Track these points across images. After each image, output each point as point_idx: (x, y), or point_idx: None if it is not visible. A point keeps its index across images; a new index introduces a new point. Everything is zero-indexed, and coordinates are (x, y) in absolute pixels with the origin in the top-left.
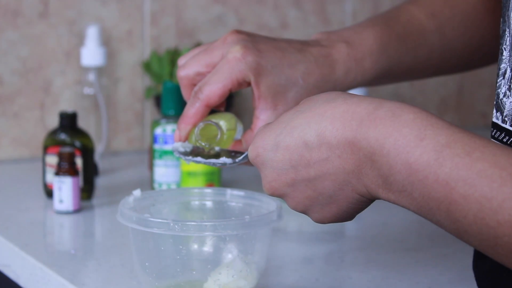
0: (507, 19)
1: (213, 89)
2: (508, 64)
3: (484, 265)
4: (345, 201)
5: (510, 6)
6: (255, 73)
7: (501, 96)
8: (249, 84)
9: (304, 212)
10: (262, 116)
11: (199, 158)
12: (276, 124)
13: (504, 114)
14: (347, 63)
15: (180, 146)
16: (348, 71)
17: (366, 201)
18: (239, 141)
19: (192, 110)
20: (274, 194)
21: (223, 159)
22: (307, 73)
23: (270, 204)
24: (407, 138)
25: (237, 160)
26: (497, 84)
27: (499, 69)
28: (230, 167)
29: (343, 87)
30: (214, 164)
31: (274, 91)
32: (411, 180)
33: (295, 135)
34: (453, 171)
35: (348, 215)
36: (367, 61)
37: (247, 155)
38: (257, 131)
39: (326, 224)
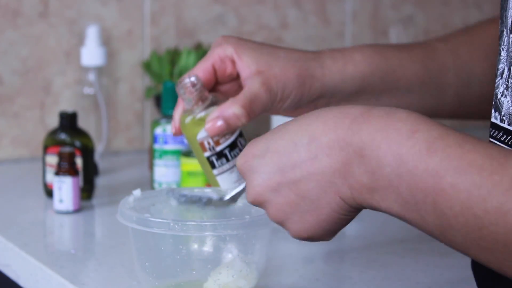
0: (505, 20)
1: (197, 66)
2: (505, 63)
3: (483, 266)
4: (327, 207)
5: (508, 6)
6: (236, 46)
7: (499, 95)
8: (232, 62)
9: (282, 222)
10: (247, 82)
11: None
12: (268, 133)
13: (502, 113)
14: (333, 52)
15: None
16: (334, 58)
17: (347, 209)
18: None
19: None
20: (256, 201)
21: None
22: (289, 50)
23: None
24: (399, 131)
25: (225, 198)
26: (496, 84)
27: (497, 69)
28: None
29: (332, 74)
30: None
31: (256, 60)
32: (399, 172)
33: (285, 138)
34: (443, 160)
35: (327, 228)
36: (357, 54)
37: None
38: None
39: (305, 239)
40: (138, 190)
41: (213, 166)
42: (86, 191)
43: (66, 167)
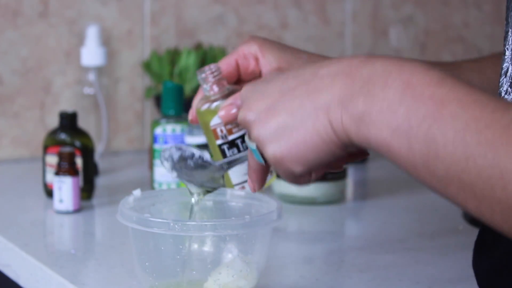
0: (509, 20)
1: (221, 60)
2: (510, 62)
3: (483, 263)
4: (312, 127)
5: None
6: (261, 44)
7: (502, 93)
8: (255, 59)
9: (263, 140)
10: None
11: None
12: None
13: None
14: None
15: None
16: None
17: (331, 135)
18: None
19: None
20: (245, 119)
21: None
22: (312, 54)
23: (270, 204)
24: (415, 66)
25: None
26: (500, 83)
27: (502, 68)
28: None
29: None
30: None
31: (278, 58)
32: (403, 96)
33: (299, 69)
34: (450, 92)
35: (302, 151)
36: None
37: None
38: None
39: (279, 159)
40: (138, 190)
41: (224, 155)
42: (86, 191)
43: (66, 167)
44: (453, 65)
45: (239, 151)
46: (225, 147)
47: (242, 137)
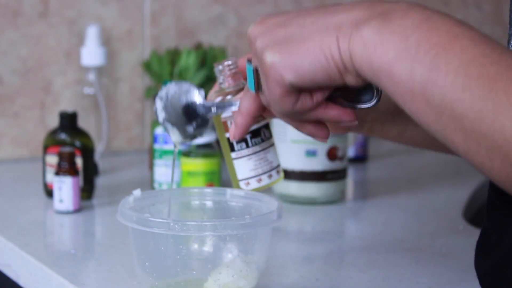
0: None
1: (242, 57)
2: None
3: (486, 264)
4: (318, 40)
5: None
6: None
7: None
8: None
9: (266, 47)
10: None
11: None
12: None
13: None
14: None
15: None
16: None
17: (334, 54)
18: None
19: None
20: (254, 31)
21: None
22: None
23: (270, 203)
24: (438, 11)
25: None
26: None
27: None
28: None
29: None
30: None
31: None
32: (419, 25)
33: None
34: (467, 31)
35: (299, 61)
36: None
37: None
38: None
39: (273, 61)
40: (138, 190)
41: (232, 148)
42: (86, 191)
43: (66, 167)
44: None
45: (247, 146)
46: (233, 140)
47: (252, 133)
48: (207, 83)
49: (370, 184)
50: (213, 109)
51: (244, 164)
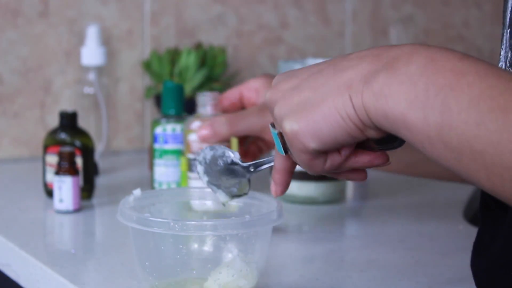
0: (505, 22)
1: (229, 90)
2: (503, 60)
3: (481, 263)
4: (332, 102)
5: (507, 7)
6: (267, 80)
7: None
8: (257, 92)
9: (284, 115)
10: None
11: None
12: None
13: None
14: None
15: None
16: None
17: (350, 112)
18: None
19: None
20: (271, 98)
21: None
22: None
23: (270, 203)
24: (440, 49)
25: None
26: None
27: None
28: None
29: None
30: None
31: None
32: (424, 69)
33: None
34: (471, 66)
35: (319, 126)
36: None
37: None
38: None
39: (295, 132)
40: (138, 190)
41: (190, 168)
42: (86, 191)
43: (66, 167)
44: None
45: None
46: (193, 161)
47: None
48: (207, 83)
49: (370, 184)
50: (251, 168)
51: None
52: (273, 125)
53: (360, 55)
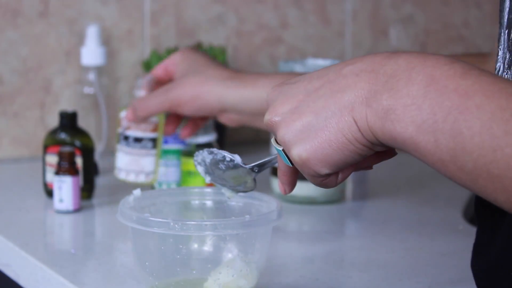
0: (502, 22)
1: (156, 66)
2: (501, 61)
3: (481, 263)
4: (336, 127)
5: (504, 7)
6: (183, 54)
7: None
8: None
9: (289, 141)
10: None
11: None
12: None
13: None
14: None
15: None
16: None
17: (356, 135)
18: None
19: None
20: (271, 121)
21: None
22: (216, 69)
23: (270, 203)
24: (438, 59)
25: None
26: None
27: (495, 69)
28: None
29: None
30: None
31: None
32: (427, 90)
33: (322, 68)
34: (475, 84)
35: (327, 152)
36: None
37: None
38: None
39: (304, 160)
40: (138, 190)
41: (118, 140)
42: (86, 191)
43: (66, 167)
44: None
45: (127, 145)
46: (121, 136)
47: (135, 139)
48: None
49: (370, 184)
50: (255, 169)
51: (121, 157)
52: (276, 142)
53: (355, 71)
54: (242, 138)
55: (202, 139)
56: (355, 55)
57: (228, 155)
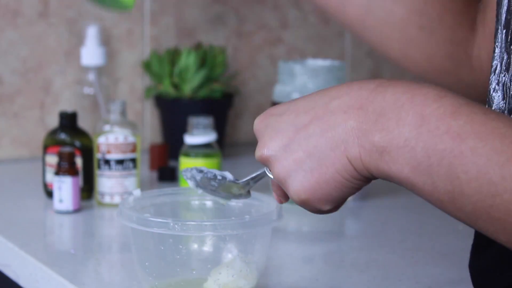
0: (499, 17)
1: None
2: (498, 60)
3: (479, 264)
4: (332, 167)
5: (502, 3)
6: None
7: (491, 91)
8: None
9: (285, 180)
10: None
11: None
12: (293, 99)
13: (493, 108)
14: None
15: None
16: None
17: (352, 173)
18: None
19: None
20: (263, 156)
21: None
22: None
23: (270, 203)
24: (426, 95)
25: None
26: (490, 81)
27: (492, 66)
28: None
29: None
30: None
31: None
32: (419, 132)
33: (307, 99)
34: (467, 124)
35: (327, 191)
36: None
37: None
38: None
39: (303, 200)
40: (138, 190)
41: (98, 167)
42: (86, 191)
43: (66, 167)
44: None
45: (109, 169)
46: (101, 162)
47: (116, 160)
48: (206, 83)
49: (370, 184)
50: (250, 183)
51: (104, 182)
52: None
53: (342, 107)
54: (242, 138)
55: (202, 139)
56: (355, 55)
57: (218, 173)
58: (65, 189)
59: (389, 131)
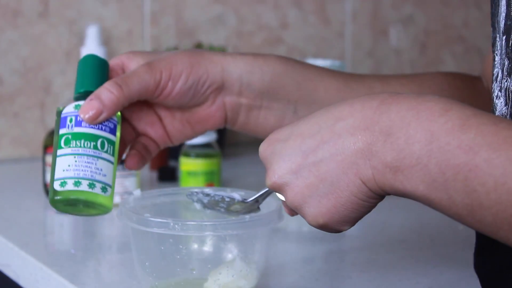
0: (496, 26)
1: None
2: (499, 68)
3: (486, 265)
4: (346, 190)
5: (499, 12)
6: (131, 55)
7: (494, 99)
8: (122, 69)
9: (300, 206)
10: None
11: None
12: (295, 121)
13: (496, 115)
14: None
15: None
16: (240, 54)
17: (368, 193)
18: None
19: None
20: (275, 184)
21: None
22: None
23: (270, 204)
24: (431, 110)
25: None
26: (492, 90)
27: (493, 74)
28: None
29: (237, 61)
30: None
31: (147, 58)
32: (430, 149)
33: (311, 122)
34: (478, 136)
35: (344, 214)
36: (270, 56)
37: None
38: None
39: (322, 225)
40: (138, 190)
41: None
42: None
43: None
44: (352, 74)
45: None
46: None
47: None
48: None
49: None
50: (260, 200)
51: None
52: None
53: (349, 129)
54: (242, 138)
55: (202, 139)
56: (355, 55)
57: (226, 195)
58: None
59: (399, 150)
